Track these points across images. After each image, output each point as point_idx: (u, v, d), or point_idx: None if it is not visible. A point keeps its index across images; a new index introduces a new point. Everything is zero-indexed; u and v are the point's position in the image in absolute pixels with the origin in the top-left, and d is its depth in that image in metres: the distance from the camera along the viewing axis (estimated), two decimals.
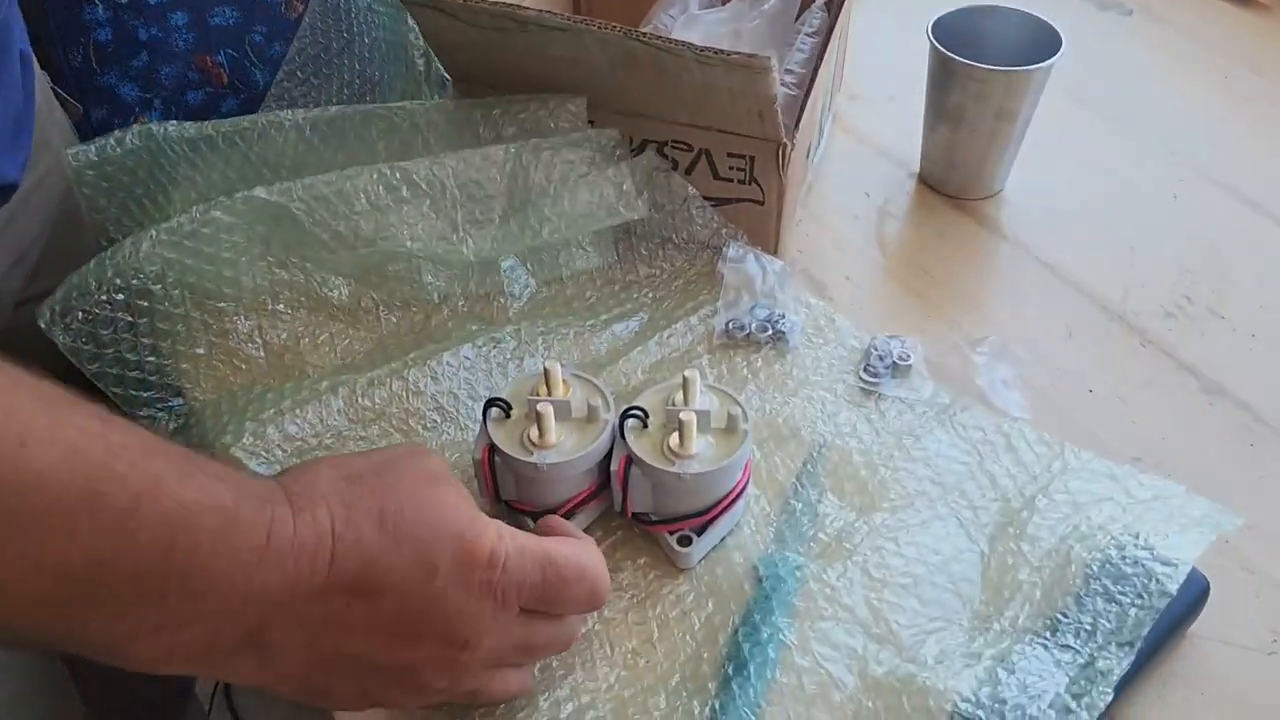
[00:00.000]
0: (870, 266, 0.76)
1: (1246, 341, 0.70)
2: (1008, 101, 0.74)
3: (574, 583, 0.46)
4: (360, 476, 0.44)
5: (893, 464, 0.62)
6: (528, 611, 0.46)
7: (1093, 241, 0.77)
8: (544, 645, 0.49)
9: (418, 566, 0.42)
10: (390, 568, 0.42)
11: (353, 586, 0.41)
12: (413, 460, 0.46)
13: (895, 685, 0.51)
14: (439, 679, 0.45)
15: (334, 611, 0.41)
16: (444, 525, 0.44)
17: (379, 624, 0.42)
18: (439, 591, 0.43)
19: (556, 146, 0.70)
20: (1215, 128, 0.87)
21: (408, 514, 0.43)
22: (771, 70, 0.60)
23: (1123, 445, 0.63)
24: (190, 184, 0.69)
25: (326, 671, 0.43)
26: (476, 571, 0.43)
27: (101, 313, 0.62)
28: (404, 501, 0.44)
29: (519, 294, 0.71)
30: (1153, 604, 0.51)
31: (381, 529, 0.42)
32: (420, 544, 0.43)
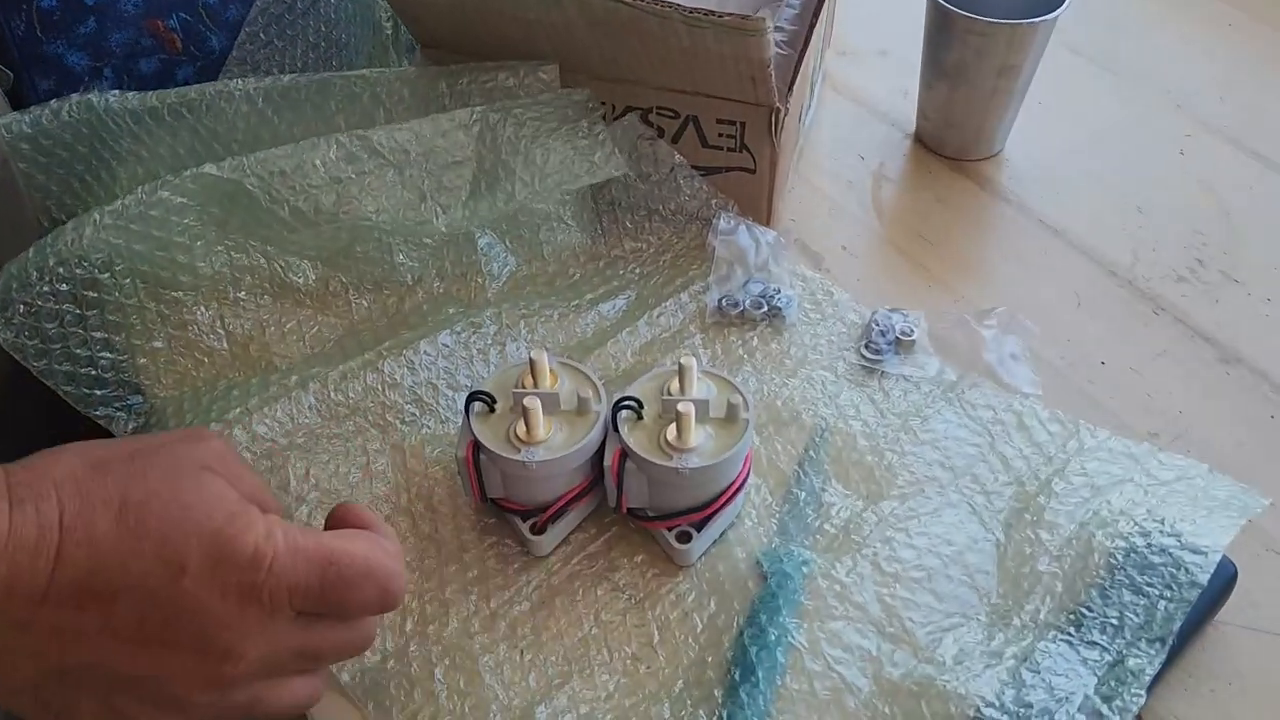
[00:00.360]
0: (868, 235, 0.75)
1: (1262, 306, 0.69)
2: (1010, 57, 0.72)
3: (359, 583, 0.42)
4: (108, 463, 0.40)
5: (899, 447, 0.61)
6: (308, 615, 0.42)
7: (1098, 203, 0.76)
8: (331, 651, 0.45)
9: (162, 565, 0.38)
10: (126, 566, 0.38)
11: (83, 587, 0.37)
12: (176, 445, 0.42)
13: (913, 689, 0.50)
14: (199, 693, 0.40)
15: (63, 616, 0.37)
16: (198, 519, 0.39)
17: (117, 630, 0.38)
18: (187, 593, 0.38)
19: (527, 106, 0.67)
20: (1222, 79, 0.86)
21: (154, 505, 0.39)
22: (766, 32, 0.58)
23: (1139, 420, 0.63)
24: (136, 160, 0.66)
25: (63, 685, 0.39)
26: (235, 572, 0.39)
27: (45, 305, 0.59)
28: (153, 491, 0.39)
29: (498, 273, 0.69)
30: (1183, 596, 0.50)
31: (121, 522, 0.38)
32: (166, 539, 0.38)
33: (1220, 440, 0.61)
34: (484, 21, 0.66)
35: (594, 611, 0.54)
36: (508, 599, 0.54)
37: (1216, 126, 0.82)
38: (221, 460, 0.42)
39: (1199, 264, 0.72)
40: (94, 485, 0.38)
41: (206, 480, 0.41)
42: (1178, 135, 0.81)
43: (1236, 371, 0.65)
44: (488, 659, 0.52)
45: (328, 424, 0.61)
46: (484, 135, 0.67)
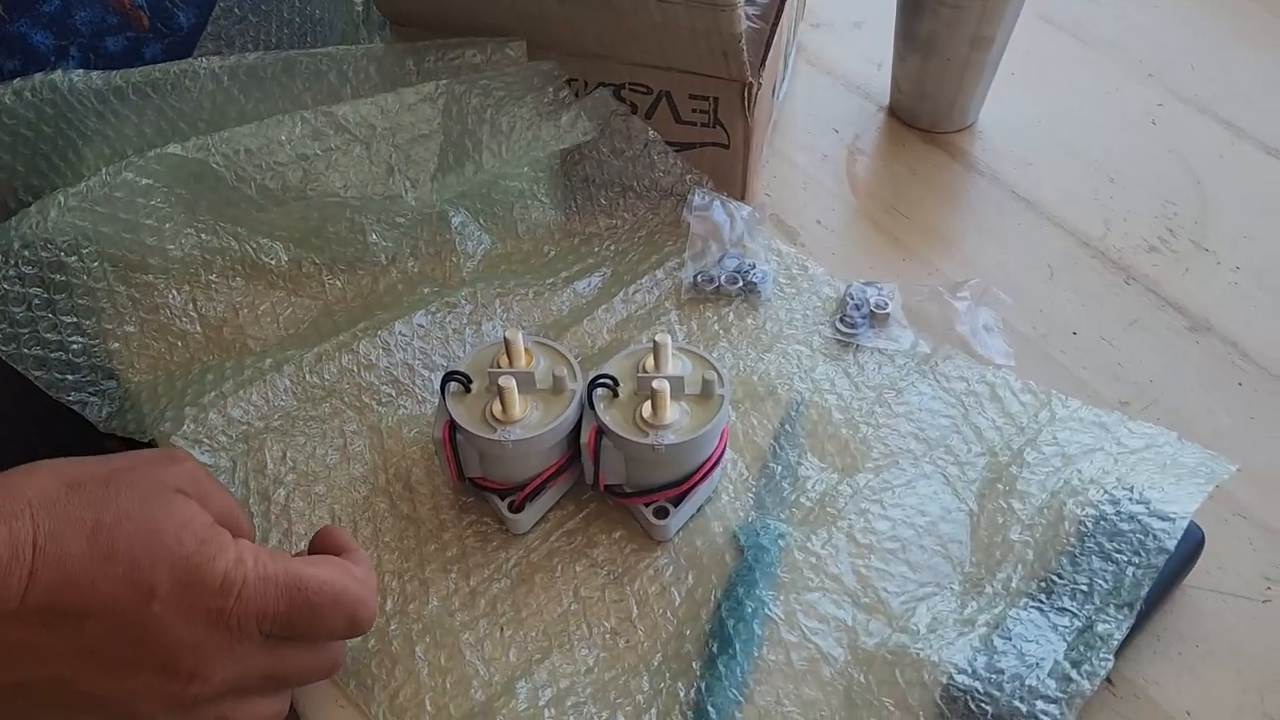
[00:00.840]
0: (842, 208, 0.75)
1: (1231, 275, 0.70)
2: (983, 28, 0.72)
3: (327, 610, 0.43)
4: (83, 484, 0.40)
5: (874, 420, 0.61)
6: (277, 638, 0.43)
7: (1071, 173, 0.77)
8: (297, 674, 0.46)
9: (131, 588, 0.38)
10: (96, 588, 0.38)
11: (53, 606, 0.37)
12: (149, 468, 0.42)
13: (888, 658, 0.51)
14: (164, 714, 0.41)
15: (32, 634, 0.38)
16: (168, 543, 0.39)
17: (84, 649, 0.39)
18: (155, 617, 0.39)
19: (493, 78, 0.67)
20: (1194, 46, 0.86)
21: (125, 527, 0.39)
22: (737, 7, 0.58)
23: (1110, 390, 0.63)
24: (102, 140, 0.65)
25: (28, 701, 0.39)
26: (204, 597, 0.40)
27: (12, 289, 0.58)
28: (124, 513, 0.39)
29: (473, 252, 0.69)
30: (1151, 562, 0.51)
31: (92, 543, 0.38)
32: (136, 562, 0.39)
33: (1189, 408, 0.62)
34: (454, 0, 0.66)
35: (573, 587, 0.55)
36: (487, 576, 0.55)
37: (1188, 96, 0.82)
38: (194, 483, 0.43)
39: (1170, 233, 0.72)
40: (68, 506, 0.39)
41: (178, 504, 0.41)
42: (1149, 105, 0.82)
43: (1206, 340, 0.66)
44: (468, 636, 0.53)
45: (304, 406, 0.61)
46: (450, 107, 0.66)
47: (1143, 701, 0.51)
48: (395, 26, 0.71)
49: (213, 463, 0.58)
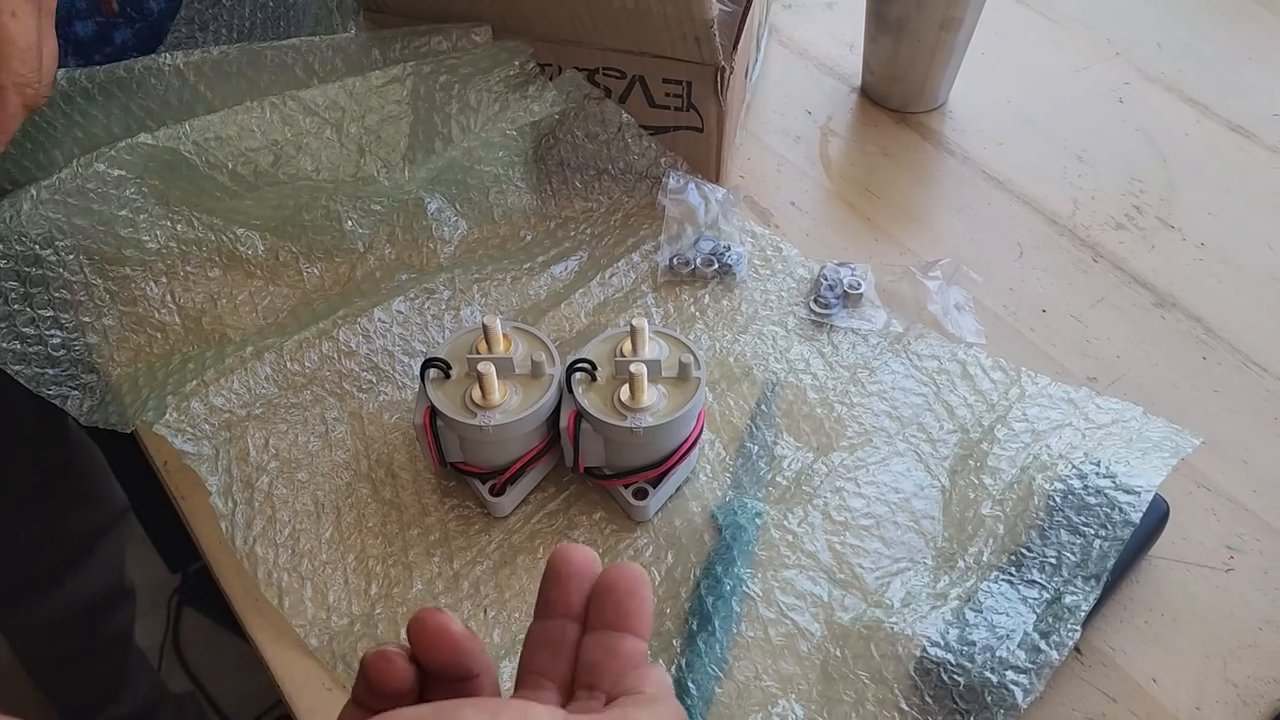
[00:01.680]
0: (815, 189, 0.75)
1: (1195, 251, 0.71)
2: (952, 9, 0.73)
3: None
4: None
5: (848, 400, 0.62)
6: None
7: (1039, 152, 0.77)
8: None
9: None
10: None
11: None
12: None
13: (863, 632, 0.52)
14: None
15: None
16: None
17: None
18: None
19: (460, 57, 0.67)
20: (1161, 24, 0.87)
21: None
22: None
23: (1078, 366, 0.64)
24: (71, 139, 0.65)
25: None
26: None
27: None
28: None
29: (449, 237, 0.69)
30: (1117, 534, 0.52)
31: None
32: None
33: (1155, 382, 0.63)
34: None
35: None
36: (470, 559, 0.55)
37: (1154, 74, 0.83)
38: None
39: (1136, 211, 0.73)
40: None
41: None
42: (1117, 84, 0.82)
43: (1171, 315, 0.67)
44: None
45: (285, 394, 0.61)
46: (417, 87, 0.66)
47: (1109, 669, 0.52)
48: (367, 13, 0.71)
49: (195, 450, 0.59)
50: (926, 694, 0.49)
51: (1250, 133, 0.78)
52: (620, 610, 0.34)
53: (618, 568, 0.35)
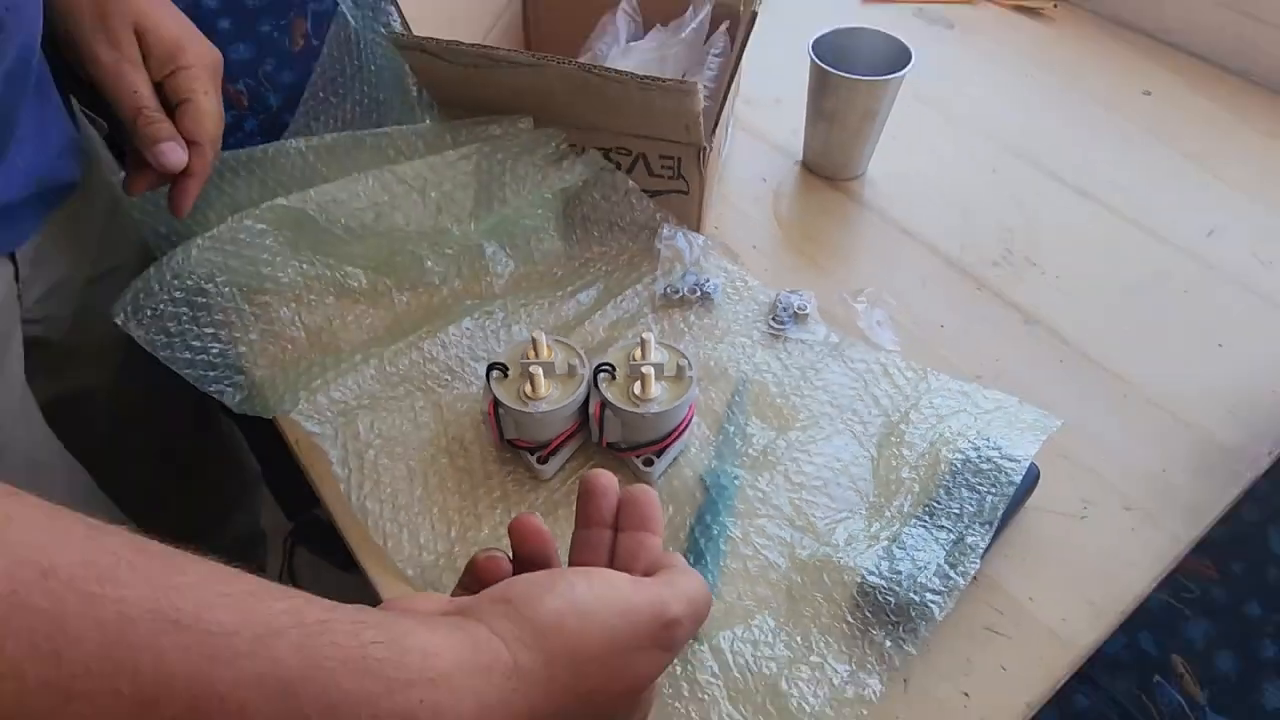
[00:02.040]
0: (770, 237, 0.75)
1: (1054, 281, 0.70)
2: (871, 104, 0.73)
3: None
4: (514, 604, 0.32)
5: (800, 392, 0.61)
6: None
7: (936, 209, 0.77)
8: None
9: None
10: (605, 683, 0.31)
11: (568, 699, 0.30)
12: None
13: (817, 564, 0.52)
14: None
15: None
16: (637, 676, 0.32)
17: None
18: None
19: (511, 140, 0.67)
20: (1020, 115, 0.87)
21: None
22: (698, 93, 0.58)
23: (968, 367, 0.64)
24: (222, 204, 0.65)
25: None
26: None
27: (166, 309, 0.58)
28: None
29: (501, 273, 0.68)
30: (1003, 491, 0.52)
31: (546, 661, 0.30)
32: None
33: (1026, 379, 0.63)
34: (484, 88, 0.65)
35: None
36: (524, 510, 0.55)
37: (1019, 153, 0.82)
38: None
39: (1008, 252, 0.73)
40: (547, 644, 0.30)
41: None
42: (991, 159, 0.82)
43: (1036, 330, 0.67)
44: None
45: (385, 389, 0.61)
46: (480, 163, 0.66)
47: (998, 592, 0.52)
48: (441, 107, 0.71)
49: (320, 431, 0.58)
50: (866, 610, 0.50)
51: (1090, 194, 0.78)
52: (642, 515, 0.36)
53: (636, 486, 0.37)
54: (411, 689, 0.25)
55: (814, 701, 0.47)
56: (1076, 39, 0.96)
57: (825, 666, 0.48)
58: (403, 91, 0.71)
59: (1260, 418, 0.61)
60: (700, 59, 0.74)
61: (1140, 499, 0.56)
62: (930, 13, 1.00)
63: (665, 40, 0.74)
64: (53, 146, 0.57)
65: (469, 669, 0.27)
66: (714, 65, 0.73)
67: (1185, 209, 0.76)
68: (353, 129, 0.71)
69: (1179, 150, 0.82)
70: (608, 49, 0.74)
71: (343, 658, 0.24)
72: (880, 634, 0.49)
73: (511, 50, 0.60)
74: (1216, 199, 0.77)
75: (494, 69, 0.62)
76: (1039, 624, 0.51)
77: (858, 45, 0.75)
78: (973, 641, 0.50)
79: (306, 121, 0.75)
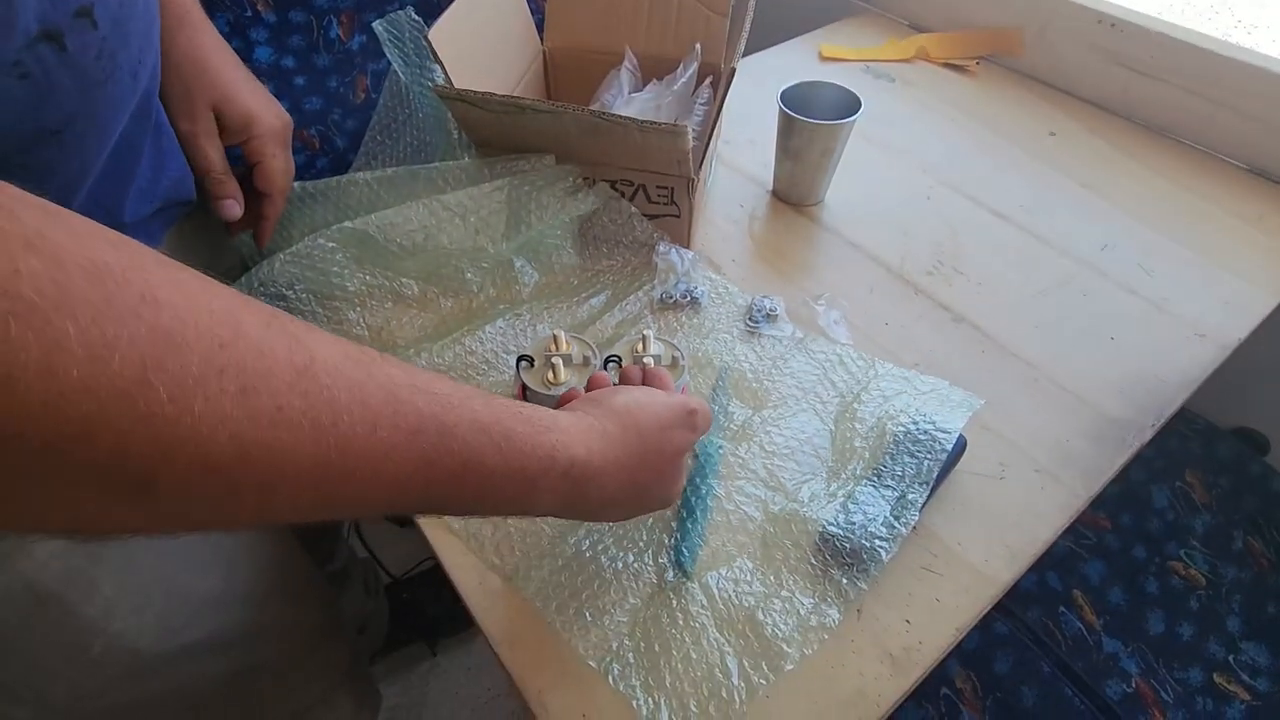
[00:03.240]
0: (746, 252, 0.75)
1: (976, 289, 0.70)
2: (828, 144, 0.73)
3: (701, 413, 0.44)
4: (598, 402, 0.40)
5: (772, 379, 0.61)
6: None
7: (881, 229, 0.77)
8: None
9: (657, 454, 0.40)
10: (643, 451, 0.39)
11: (623, 460, 0.38)
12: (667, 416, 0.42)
13: (786, 517, 0.52)
14: (662, 491, 0.42)
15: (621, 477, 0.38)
16: (670, 434, 0.41)
17: (641, 479, 0.39)
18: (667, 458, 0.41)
19: (536, 176, 0.66)
20: (950, 152, 0.87)
21: (649, 439, 0.40)
22: (687, 134, 0.58)
23: (909, 357, 0.64)
24: (301, 223, 0.64)
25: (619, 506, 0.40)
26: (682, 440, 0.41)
27: None
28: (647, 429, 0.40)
29: (528, 283, 0.68)
30: (937, 457, 0.52)
31: (622, 428, 0.39)
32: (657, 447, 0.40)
33: (955, 366, 0.63)
34: (513, 131, 0.65)
35: None
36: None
37: (949, 182, 0.82)
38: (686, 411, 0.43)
39: (939, 264, 0.73)
40: (621, 420, 0.39)
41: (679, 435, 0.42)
42: (926, 188, 0.82)
43: (962, 326, 0.67)
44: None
45: None
46: (511, 194, 0.66)
47: (933, 538, 0.52)
48: (478, 147, 0.70)
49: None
50: (826, 554, 0.49)
51: (1006, 216, 0.78)
52: (659, 377, 0.47)
53: (651, 371, 0.47)
54: (550, 433, 0.34)
55: (784, 628, 0.47)
56: (995, 90, 0.96)
57: (794, 599, 0.48)
58: (446, 134, 0.71)
59: (1144, 396, 0.61)
60: (689, 107, 0.74)
61: (1047, 463, 0.56)
62: (876, 69, 1.00)
63: (661, 92, 0.73)
64: (170, 174, 0.57)
65: (580, 428, 0.36)
66: (700, 112, 0.73)
67: (1083, 228, 0.76)
68: (406, 164, 0.71)
69: (1077, 180, 0.82)
70: (614, 99, 0.74)
71: (511, 413, 0.33)
72: (838, 573, 0.49)
73: (535, 100, 0.60)
74: (1108, 220, 0.77)
75: (521, 115, 0.61)
76: (966, 564, 0.51)
77: (817, 95, 0.75)
78: (913, 578, 0.50)
79: (367, 159, 0.75)
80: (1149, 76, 0.88)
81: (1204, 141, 0.86)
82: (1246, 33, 1.48)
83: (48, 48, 0.37)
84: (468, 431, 0.30)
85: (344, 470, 0.25)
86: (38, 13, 0.36)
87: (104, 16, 0.40)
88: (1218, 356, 0.64)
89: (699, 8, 0.74)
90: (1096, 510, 0.84)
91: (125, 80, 0.44)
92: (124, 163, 0.49)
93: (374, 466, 0.27)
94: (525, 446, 0.32)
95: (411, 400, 0.28)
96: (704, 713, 0.44)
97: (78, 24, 0.39)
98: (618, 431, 0.38)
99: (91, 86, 0.41)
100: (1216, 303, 0.69)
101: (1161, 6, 0.94)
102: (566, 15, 0.77)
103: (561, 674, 0.46)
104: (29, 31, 0.36)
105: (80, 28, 0.39)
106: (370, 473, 0.27)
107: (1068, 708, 0.69)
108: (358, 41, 0.95)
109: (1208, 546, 0.81)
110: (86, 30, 0.39)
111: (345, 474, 0.26)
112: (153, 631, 0.53)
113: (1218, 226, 0.77)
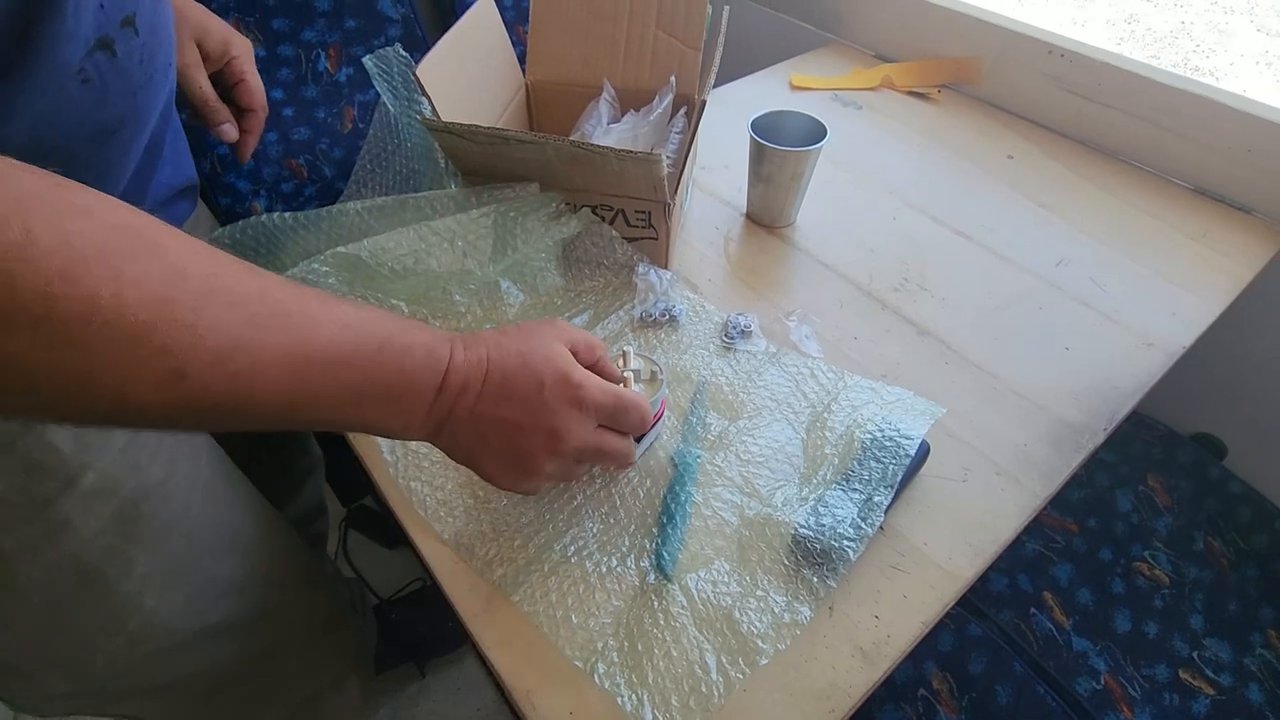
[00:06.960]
0: (722, 272, 0.76)
1: (940, 303, 0.72)
2: (798, 169, 0.75)
3: (631, 409, 0.45)
4: (507, 331, 0.44)
5: (747, 391, 0.63)
6: (603, 427, 0.45)
7: (849, 248, 0.79)
8: (611, 452, 0.46)
9: (535, 384, 0.42)
10: (519, 382, 0.42)
11: (497, 393, 0.41)
12: (543, 327, 0.45)
13: (761, 521, 0.53)
14: (546, 462, 0.43)
15: (486, 407, 0.41)
16: (553, 360, 0.43)
17: (511, 420, 0.42)
18: (545, 399, 0.42)
19: (521, 202, 0.68)
20: (914, 175, 0.89)
21: (533, 355, 0.42)
22: (662, 162, 0.60)
23: (876, 369, 0.66)
24: (294, 250, 0.66)
25: (482, 446, 0.42)
26: (568, 389, 0.42)
27: None
28: (532, 348, 0.43)
29: (514, 303, 0.70)
30: (902, 462, 0.54)
31: (517, 360, 0.42)
32: (538, 371, 0.42)
33: (919, 378, 0.65)
34: (498, 160, 0.67)
35: (583, 489, 0.56)
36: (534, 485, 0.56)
37: (914, 203, 0.85)
38: (564, 334, 0.45)
39: (905, 280, 0.75)
40: (502, 340, 0.43)
41: (557, 346, 0.44)
42: (892, 209, 0.84)
43: (927, 339, 0.69)
44: (528, 524, 0.54)
45: None
46: (497, 220, 0.67)
47: (900, 538, 0.54)
48: (464, 175, 0.72)
49: None
50: (799, 555, 0.51)
51: (967, 235, 0.81)
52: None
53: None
54: (423, 332, 0.40)
55: (760, 625, 0.49)
56: (956, 116, 1.00)
57: (768, 598, 0.50)
58: (433, 164, 0.73)
59: (1098, 402, 0.64)
60: (665, 136, 0.77)
61: (1007, 466, 0.58)
62: (844, 97, 1.04)
63: (638, 122, 0.77)
64: (182, 154, 0.60)
65: (450, 339, 0.41)
66: (675, 140, 0.76)
67: (1039, 245, 0.79)
68: (395, 192, 0.73)
69: (1035, 200, 0.85)
70: (593, 129, 0.77)
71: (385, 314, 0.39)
72: (809, 573, 0.50)
73: (518, 131, 0.62)
74: (1064, 238, 0.80)
75: (505, 145, 0.64)
76: (932, 562, 0.53)
77: (787, 123, 0.78)
78: (881, 576, 0.52)
79: (357, 187, 0.77)
80: (1098, 103, 0.93)
81: (1152, 164, 0.91)
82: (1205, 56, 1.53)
83: (103, 55, 0.41)
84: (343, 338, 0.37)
85: (303, 357, 0.34)
86: (94, 24, 0.40)
87: (143, 24, 0.44)
88: (1165, 363, 0.67)
89: (673, 42, 0.77)
90: (1064, 515, 0.87)
91: (160, 81, 0.48)
92: (152, 157, 0.52)
93: (318, 352, 0.35)
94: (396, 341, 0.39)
95: (337, 308, 0.37)
96: (685, 707, 0.46)
97: (124, 32, 0.43)
98: (494, 358, 0.42)
99: (137, 89, 0.45)
100: (1164, 314, 0.72)
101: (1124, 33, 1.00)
102: (547, 49, 0.80)
103: (549, 674, 0.47)
104: (89, 41, 0.40)
105: (126, 35, 0.43)
106: (315, 357, 0.35)
107: (1040, 705, 0.71)
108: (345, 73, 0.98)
109: (1170, 547, 0.84)
110: (131, 37, 0.43)
111: (304, 359, 0.34)
112: (182, 611, 0.55)
113: (1166, 243, 0.80)
